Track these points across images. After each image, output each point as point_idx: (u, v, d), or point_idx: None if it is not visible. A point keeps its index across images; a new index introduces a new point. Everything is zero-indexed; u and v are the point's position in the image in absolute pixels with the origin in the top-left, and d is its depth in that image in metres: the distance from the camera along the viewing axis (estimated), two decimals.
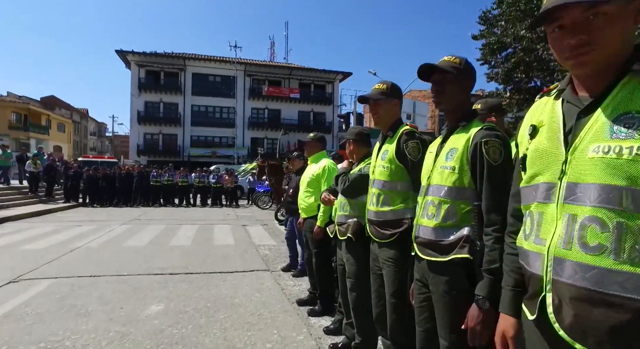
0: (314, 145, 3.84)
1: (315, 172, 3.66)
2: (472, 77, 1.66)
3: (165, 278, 4.78)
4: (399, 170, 2.01)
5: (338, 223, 2.73)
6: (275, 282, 4.77)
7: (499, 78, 13.48)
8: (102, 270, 5.04)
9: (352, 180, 2.54)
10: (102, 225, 9.54)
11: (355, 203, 2.63)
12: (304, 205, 3.73)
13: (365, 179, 2.44)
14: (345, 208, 2.68)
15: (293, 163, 5.16)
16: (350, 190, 2.56)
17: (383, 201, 2.05)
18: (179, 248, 6.75)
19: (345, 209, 2.68)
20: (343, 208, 2.70)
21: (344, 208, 2.70)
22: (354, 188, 2.55)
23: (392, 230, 2.00)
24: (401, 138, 2.01)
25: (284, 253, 6.54)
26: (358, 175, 2.55)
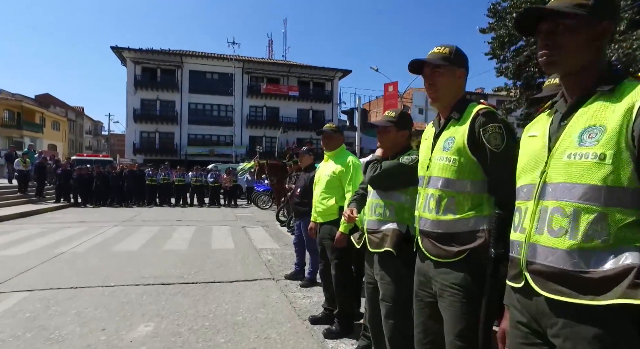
0: (335, 137, 3.28)
1: (335, 169, 3.11)
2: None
3: (157, 289, 4.22)
4: (471, 165, 1.47)
5: (369, 230, 2.19)
6: (282, 294, 4.22)
7: (509, 73, 12.95)
8: (86, 279, 4.47)
9: (387, 167, 2.03)
10: (92, 226, 8.96)
11: (391, 203, 2.10)
12: (321, 208, 3.18)
13: (405, 170, 1.98)
14: (378, 210, 2.14)
15: (302, 159, 4.61)
16: (383, 179, 2.05)
17: (446, 206, 1.50)
18: (174, 252, 6.19)
19: (378, 212, 2.14)
20: (374, 210, 2.16)
21: (375, 211, 2.15)
22: (387, 177, 2.04)
23: (459, 246, 1.46)
24: (476, 121, 1.47)
25: (289, 258, 6.01)
26: (396, 163, 2.04)
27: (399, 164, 2.04)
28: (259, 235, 8.41)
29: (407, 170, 1.99)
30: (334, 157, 3.24)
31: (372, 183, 2.12)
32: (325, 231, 3.17)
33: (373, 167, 2.11)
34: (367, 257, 2.28)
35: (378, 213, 2.14)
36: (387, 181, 2.07)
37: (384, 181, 2.08)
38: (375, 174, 2.07)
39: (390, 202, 2.10)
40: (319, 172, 3.32)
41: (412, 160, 2.04)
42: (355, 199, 2.47)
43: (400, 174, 2.02)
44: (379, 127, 2.20)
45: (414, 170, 1.90)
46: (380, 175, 2.06)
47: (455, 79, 1.60)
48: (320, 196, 3.19)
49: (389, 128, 2.18)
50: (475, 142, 1.45)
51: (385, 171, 2.05)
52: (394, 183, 2.07)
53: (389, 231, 2.07)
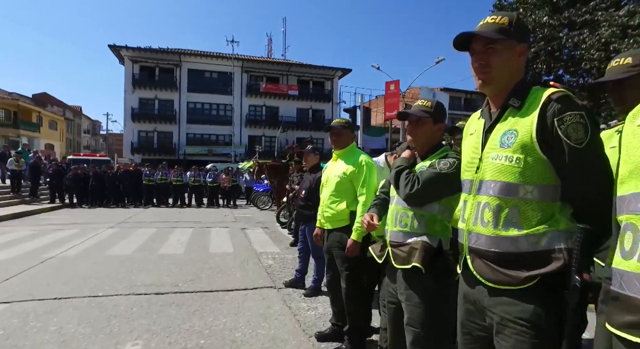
0: (344, 133, 2.92)
1: (346, 170, 2.77)
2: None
3: (149, 299, 3.88)
4: (540, 165, 1.13)
5: (393, 243, 1.86)
6: (284, 304, 3.89)
7: None
8: (72, 288, 4.13)
9: (427, 181, 1.70)
10: (86, 228, 8.62)
11: (420, 214, 1.78)
12: (330, 213, 2.84)
13: (445, 181, 1.67)
14: (404, 220, 1.81)
15: (307, 159, 4.28)
16: (422, 194, 1.71)
17: (507, 219, 1.17)
18: (169, 257, 5.85)
19: (404, 222, 1.81)
20: (399, 220, 1.83)
21: (401, 221, 1.83)
22: (427, 193, 1.71)
23: (528, 270, 1.12)
24: (548, 109, 1.13)
25: (290, 262, 5.69)
26: (435, 174, 1.71)
27: (439, 174, 1.71)
28: (259, 237, 8.07)
29: (447, 179, 1.68)
30: (344, 156, 2.89)
31: (410, 201, 1.77)
32: (334, 239, 2.83)
33: (408, 178, 1.76)
34: (389, 272, 1.95)
35: (404, 224, 1.81)
36: (428, 196, 1.74)
37: (424, 197, 1.75)
38: (413, 191, 1.72)
39: (420, 212, 1.78)
40: (326, 173, 2.97)
41: (451, 166, 1.72)
42: (375, 204, 2.13)
43: (442, 187, 1.71)
44: (413, 118, 1.87)
45: (454, 177, 1.60)
46: (419, 192, 1.71)
47: (515, 57, 1.26)
48: (328, 199, 2.84)
49: (425, 120, 1.85)
50: (548, 136, 1.12)
51: (425, 186, 1.71)
52: (434, 196, 1.75)
53: (417, 244, 1.74)
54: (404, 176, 1.79)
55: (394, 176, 1.86)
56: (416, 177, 1.75)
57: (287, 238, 7.95)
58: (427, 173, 1.73)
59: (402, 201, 1.85)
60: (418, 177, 1.73)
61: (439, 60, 18.55)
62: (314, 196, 4.09)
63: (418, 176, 1.74)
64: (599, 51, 9.32)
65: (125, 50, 33.07)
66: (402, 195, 1.76)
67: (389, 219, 1.92)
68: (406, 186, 1.75)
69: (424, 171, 1.75)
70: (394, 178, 1.85)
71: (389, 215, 1.92)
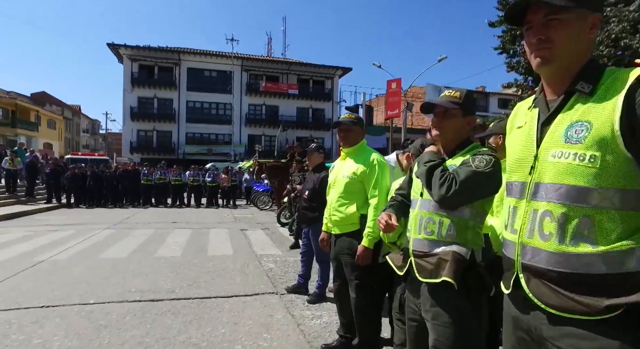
0: (354, 130, 2.67)
1: (356, 170, 2.54)
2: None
3: (143, 307, 3.65)
4: (622, 165, 0.89)
5: (417, 253, 1.62)
6: (287, 312, 3.66)
7: (520, 68, 12.37)
8: (61, 295, 3.89)
9: (465, 180, 1.46)
10: (82, 229, 8.38)
11: (449, 219, 1.55)
12: (338, 217, 2.60)
13: (483, 180, 1.46)
14: (430, 227, 1.58)
15: (310, 157, 4.05)
16: (459, 197, 1.49)
17: (577, 232, 0.93)
18: (166, 260, 5.62)
19: (430, 229, 1.58)
20: (425, 226, 1.60)
21: (426, 228, 1.60)
22: (465, 195, 1.49)
23: (608, 297, 0.88)
24: (638, 94, 0.89)
25: (292, 266, 5.46)
26: (472, 172, 1.48)
27: (477, 173, 1.48)
28: (259, 239, 7.84)
29: (485, 179, 1.47)
30: (354, 155, 2.65)
31: (445, 203, 1.53)
32: (343, 244, 2.59)
33: (444, 177, 1.52)
34: (411, 286, 1.72)
35: (430, 231, 1.58)
36: (465, 197, 1.51)
37: (462, 201, 1.52)
38: (450, 194, 1.47)
39: (449, 218, 1.55)
40: (334, 173, 2.73)
41: (487, 164, 1.48)
42: (391, 205, 1.88)
43: (479, 188, 1.50)
44: (439, 110, 1.65)
45: (491, 177, 1.42)
46: (457, 194, 1.47)
47: (585, 30, 1.02)
48: (336, 202, 2.60)
49: (453, 112, 1.62)
50: (636, 129, 0.88)
51: (464, 187, 1.46)
52: (471, 197, 1.52)
53: (446, 255, 1.51)
54: (438, 174, 1.55)
55: (425, 173, 1.61)
56: (453, 177, 1.51)
57: (288, 239, 7.72)
58: (464, 172, 1.49)
59: (427, 205, 1.61)
60: (455, 176, 1.49)
61: (441, 58, 18.30)
62: (318, 197, 3.87)
63: (455, 175, 1.50)
64: (608, 48, 9.10)
65: (124, 49, 32.79)
66: (436, 197, 1.53)
67: (411, 225, 1.69)
68: (441, 186, 1.51)
69: (460, 169, 1.52)
70: (426, 175, 1.61)
71: (412, 220, 1.69)
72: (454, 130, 1.65)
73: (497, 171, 1.50)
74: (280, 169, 11.19)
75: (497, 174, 1.50)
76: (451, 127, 1.64)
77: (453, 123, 1.64)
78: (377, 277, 2.57)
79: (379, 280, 2.58)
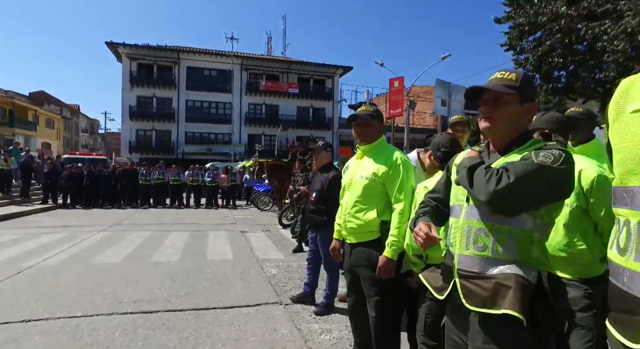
0: (373, 124, 2.32)
1: (377, 170, 2.20)
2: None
3: (135, 320, 3.32)
4: None
5: (464, 273, 1.30)
6: (292, 325, 3.34)
7: (528, 65, 12.04)
8: (46, 307, 3.56)
9: (521, 173, 1.15)
10: (75, 231, 8.05)
11: (508, 230, 1.22)
12: (355, 224, 2.26)
13: (549, 178, 1.14)
14: (482, 240, 1.26)
15: (317, 156, 3.72)
16: (515, 192, 1.16)
17: None
18: (162, 266, 5.29)
19: (482, 243, 1.26)
20: (474, 239, 1.29)
21: (476, 241, 1.28)
22: (523, 192, 1.16)
23: None
24: None
25: (296, 271, 5.15)
26: (533, 164, 1.17)
27: (541, 167, 1.16)
28: (260, 241, 7.51)
29: (551, 177, 1.14)
30: (374, 153, 2.32)
31: (496, 202, 1.20)
32: (360, 255, 2.26)
33: (490, 172, 1.21)
34: (454, 313, 1.39)
35: (482, 246, 1.26)
36: (523, 199, 1.19)
37: (518, 200, 1.19)
38: (501, 187, 1.16)
39: (506, 228, 1.22)
40: (349, 174, 2.39)
41: (556, 159, 1.16)
42: (425, 212, 1.55)
43: (544, 187, 1.16)
44: (490, 96, 1.33)
45: (560, 176, 1.11)
46: (511, 188, 1.15)
47: None
48: (352, 206, 2.27)
49: (508, 99, 1.30)
50: None
51: (520, 181, 1.15)
52: (531, 201, 1.19)
53: (508, 279, 1.18)
54: (482, 171, 1.24)
55: (466, 174, 1.30)
56: (503, 170, 1.19)
57: (290, 242, 7.40)
58: (523, 164, 1.18)
59: (476, 212, 1.29)
60: (507, 169, 1.18)
61: (445, 56, 17.95)
62: (326, 199, 3.56)
63: (507, 168, 1.18)
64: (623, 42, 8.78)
65: (122, 48, 32.45)
66: (484, 194, 1.20)
67: (455, 238, 1.36)
68: (489, 181, 1.19)
69: (517, 163, 1.20)
70: (467, 175, 1.29)
71: (456, 232, 1.36)
72: (508, 121, 1.32)
73: (570, 170, 1.18)
74: (281, 168, 10.88)
75: (570, 173, 1.18)
76: (505, 117, 1.32)
77: (508, 112, 1.31)
78: (400, 293, 2.25)
79: (401, 295, 2.27)
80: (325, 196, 3.54)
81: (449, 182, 1.52)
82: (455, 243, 1.37)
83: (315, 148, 3.74)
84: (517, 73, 1.35)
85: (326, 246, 3.62)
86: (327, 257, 3.60)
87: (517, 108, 1.31)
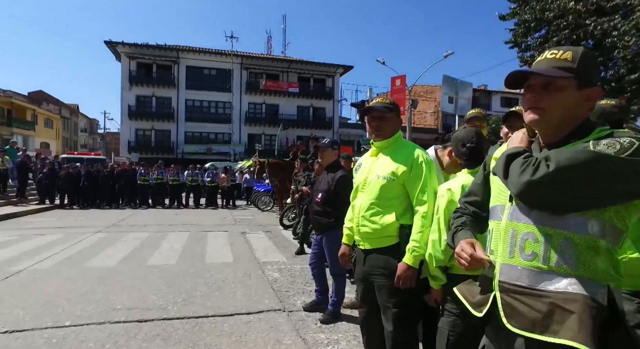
0: (390, 118, 2.08)
1: (396, 169, 1.97)
2: None
3: (128, 330, 3.09)
4: None
5: (507, 287, 1.08)
6: (297, 335, 3.11)
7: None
8: (33, 315, 3.33)
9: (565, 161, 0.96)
10: (71, 233, 7.82)
11: (564, 236, 0.99)
12: (370, 228, 2.02)
13: (611, 168, 0.92)
14: (531, 247, 1.05)
15: (323, 154, 3.49)
16: (554, 184, 0.96)
17: None
18: (159, 270, 5.06)
19: (531, 251, 1.04)
20: (522, 247, 1.08)
21: (523, 248, 1.07)
22: (566, 184, 0.95)
23: None
24: None
25: (298, 275, 4.93)
26: (586, 152, 0.96)
27: (599, 155, 0.93)
28: (261, 243, 7.28)
29: (615, 167, 0.91)
30: (391, 150, 2.08)
31: (530, 195, 0.99)
32: (376, 263, 2.03)
33: (527, 162, 1.00)
34: (495, 333, 1.16)
35: (531, 254, 1.03)
36: (566, 193, 0.96)
37: (559, 193, 0.96)
38: (537, 177, 0.95)
39: (561, 233, 1.00)
40: (363, 173, 2.14)
41: (624, 148, 0.93)
42: (463, 223, 1.31)
43: (602, 179, 0.94)
44: (539, 81, 1.10)
45: (631, 167, 0.89)
46: (549, 177, 0.94)
47: None
48: (367, 209, 2.03)
49: (562, 84, 1.07)
50: None
51: (563, 170, 0.93)
52: (581, 196, 0.97)
53: (568, 301, 0.96)
54: (520, 159, 1.03)
55: (503, 162, 1.08)
56: (544, 159, 0.98)
57: (292, 243, 7.17)
58: (570, 151, 0.97)
59: (523, 213, 1.06)
60: (548, 158, 0.97)
61: (447, 54, 17.69)
62: (333, 200, 3.33)
63: (549, 156, 0.97)
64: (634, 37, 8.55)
65: (121, 47, 32.19)
66: (515, 185, 1.00)
67: (497, 244, 1.14)
68: (524, 170, 0.99)
69: (563, 150, 1.00)
70: (504, 164, 1.08)
71: (498, 238, 1.14)
72: (563, 111, 1.08)
73: None
74: (281, 167, 10.66)
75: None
76: (559, 107, 1.08)
77: (562, 100, 1.08)
78: (418, 303, 2.02)
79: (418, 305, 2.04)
80: (332, 197, 3.32)
81: (487, 181, 1.30)
82: (496, 250, 1.14)
83: (321, 145, 3.51)
84: (573, 51, 1.11)
85: (332, 250, 3.40)
86: (333, 261, 3.37)
87: (574, 95, 1.07)
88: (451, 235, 1.31)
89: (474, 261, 1.12)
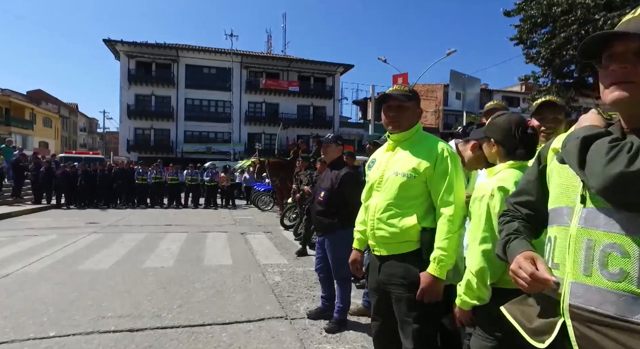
0: (410, 108, 1.84)
1: (418, 165, 1.73)
2: None
3: (118, 341, 2.85)
4: None
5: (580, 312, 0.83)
6: (301, 346, 2.88)
7: (540, 59, 11.56)
8: (14, 325, 3.09)
9: None
10: (66, 233, 7.58)
11: None
12: (387, 232, 1.77)
13: None
14: (615, 262, 0.82)
15: (326, 150, 3.24)
16: None
17: None
18: (154, 273, 4.82)
19: (616, 266, 0.81)
20: (602, 262, 0.83)
21: (603, 264, 0.83)
22: None
23: None
24: None
25: (300, 278, 4.70)
26: None
27: None
28: (261, 244, 7.04)
29: None
30: (411, 143, 1.83)
31: (619, 193, 0.75)
32: (394, 271, 1.78)
33: (615, 147, 0.76)
34: None
35: (617, 272, 0.80)
36: None
37: None
38: (632, 169, 0.71)
39: None
40: (378, 170, 1.88)
41: None
42: (517, 230, 1.06)
43: None
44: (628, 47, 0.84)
45: None
46: None
47: None
48: (384, 210, 1.78)
49: None
50: None
51: None
52: None
53: None
54: (603, 143, 0.79)
55: (577, 147, 0.84)
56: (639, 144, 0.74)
57: (293, 245, 6.93)
58: None
59: (603, 218, 0.82)
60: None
61: (450, 52, 17.44)
62: (336, 199, 3.09)
63: None
64: None
65: (120, 45, 31.93)
66: (599, 178, 0.77)
67: (564, 257, 0.90)
68: (614, 158, 0.75)
69: None
70: (579, 150, 0.84)
71: (565, 249, 0.90)
72: None
73: None
74: (282, 166, 10.43)
75: None
76: None
77: None
78: (440, 315, 1.78)
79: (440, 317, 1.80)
80: (336, 196, 3.08)
81: (542, 177, 1.05)
82: (562, 264, 0.90)
83: (324, 141, 3.26)
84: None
85: (335, 252, 3.17)
86: (337, 265, 3.14)
87: None
88: (502, 245, 1.06)
89: (535, 282, 0.88)
